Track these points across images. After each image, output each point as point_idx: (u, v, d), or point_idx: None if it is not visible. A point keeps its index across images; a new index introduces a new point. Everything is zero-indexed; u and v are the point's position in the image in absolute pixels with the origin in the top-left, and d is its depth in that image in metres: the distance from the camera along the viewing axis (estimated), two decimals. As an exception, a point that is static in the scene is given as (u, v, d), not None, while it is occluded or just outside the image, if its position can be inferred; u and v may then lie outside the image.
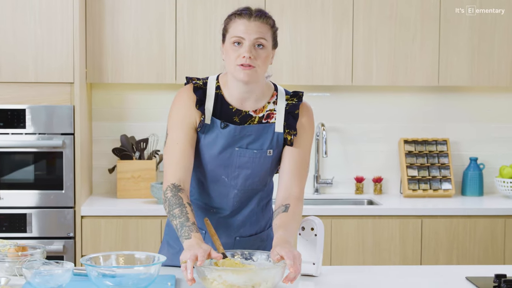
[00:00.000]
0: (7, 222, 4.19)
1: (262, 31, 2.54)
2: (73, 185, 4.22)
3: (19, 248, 2.55)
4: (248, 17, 2.54)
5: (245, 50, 2.51)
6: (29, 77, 4.18)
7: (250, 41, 2.51)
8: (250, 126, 2.61)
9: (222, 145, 2.61)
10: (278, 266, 2.31)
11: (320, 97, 4.90)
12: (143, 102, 4.81)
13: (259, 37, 2.52)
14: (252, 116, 2.63)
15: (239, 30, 2.53)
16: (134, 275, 2.28)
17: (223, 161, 2.63)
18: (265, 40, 2.53)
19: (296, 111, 2.64)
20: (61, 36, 4.18)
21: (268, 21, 2.57)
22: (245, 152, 2.62)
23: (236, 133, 2.60)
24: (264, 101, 2.64)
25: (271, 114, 2.64)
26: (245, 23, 2.53)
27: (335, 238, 4.33)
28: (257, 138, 2.62)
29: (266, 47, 2.54)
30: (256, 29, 2.53)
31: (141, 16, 4.46)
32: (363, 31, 4.57)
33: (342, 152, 4.95)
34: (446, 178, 4.84)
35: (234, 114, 2.62)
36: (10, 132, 4.19)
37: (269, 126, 2.63)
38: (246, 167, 2.64)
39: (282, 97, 2.67)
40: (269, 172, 2.69)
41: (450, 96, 4.94)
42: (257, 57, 2.52)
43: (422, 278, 2.60)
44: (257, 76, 2.55)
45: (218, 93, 2.64)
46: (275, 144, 2.63)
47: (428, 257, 4.36)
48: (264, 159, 2.63)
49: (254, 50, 2.52)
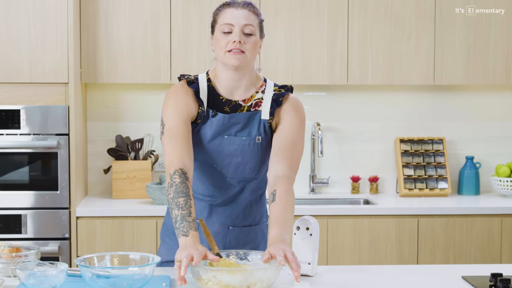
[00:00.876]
0: (2, 223, 4.17)
1: (250, 18, 2.63)
2: (68, 186, 4.21)
3: (13, 249, 2.53)
4: (235, 6, 2.64)
5: (235, 35, 2.60)
6: (23, 78, 4.16)
7: (239, 27, 2.60)
8: (239, 114, 2.67)
9: (212, 133, 2.66)
10: (273, 266, 2.31)
11: (315, 96, 4.90)
12: (138, 102, 4.80)
13: (247, 23, 2.62)
14: (241, 106, 2.69)
15: (228, 18, 2.62)
16: (129, 276, 2.27)
17: (213, 149, 2.67)
18: (253, 27, 2.62)
19: (281, 99, 2.70)
20: (55, 36, 4.16)
21: (255, 10, 2.67)
22: (234, 140, 2.67)
23: (225, 121, 2.66)
24: (252, 90, 2.71)
25: (258, 102, 2.71)
26: (233, 11, 2.63)
27: (331, 238, 4.32)
28: (245, 125, 2.67)
29: (255, 35, 2.63)
30: (244, 15, 2.62)
31: (136, 16, 4.45)
32: (358, 30, 4.56)
33: (338, 152, 4.94)
34: (443, 177, 4.84)
35: (224, 104, 2.69)
36: (5, 133, 4.18)
37: (256, 114, 2.69)
38: (236, 155, 2.67)
39: (270, 88, 2.73)
40: (260, 160, 2.70)
41: (446, 95, 4.94)
42: (246, 42, 2.61)
43: (419, 278, 2.60)
44: (247, 61, 2.63)
45: (209, 85, 2.71)
46: (263, 131, 2.68)
47: (425, 257, 4.36)
48: (253, 146, 2.67)
49: (243, 36, 2.61)
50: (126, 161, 4.59)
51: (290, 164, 2.64)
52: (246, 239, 2.78)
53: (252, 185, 2.76)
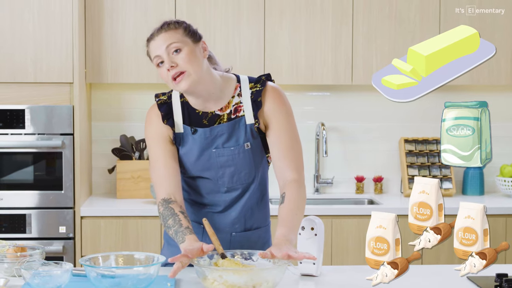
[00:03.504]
0: (6, 223, 4.18)
1: (170, 37, 2.52)
2: (73, 186, 4.21)
3: (18, 249, 2.54)
4: (155, 35, 2.55)
5: (166, 63, 2.51)
6: (28, 77, 4.17)
7: (164, 53, 2.52)
8: (220, 126, 2.62)
9: (197, 150, 2.63)
10: (279, 266, 2.31)
11: (320, 96, 4.90)
12: (143, 102, 4.80)
13: (168, 44, 2.52)
14: (220, 115, 2.63)
15: (153, 51, 2.54)
16: (134, 276, 2.27)
17: (204, 165, 2.64)
18: (177, 42, 2.52)
19: (259, 99, 2.62)
20: (60, 36, 4.17)
21: (171, 26, 2.55)
22: (223, 152, 2.63)
23: (207, 135, 2.61)
24: (226, 97, 2.64)
25: (238, 108, 2.63)
26: (154, 41, 2.54)
27: (335, 238, 4.32)
28: (231, 135, 2.62)
29: (184, 47, 2.52)
30: (162, 39, 2.52)
31: (140, 15, 4.46)
32: (363, 30, 4.56)
33: (342, 152, 4.94)
34: (447, 177, 4.83)
35: (201, 117, 2.64)
36: (10, 133, 4.18)
37: (239, 120, 2.62)
38: (228, 165, 2.64)
39: (246, 87, 2.65)
40: (254, 165, 2.67)
41: (450, 95, 4.93)
42: (178, 60, 2.51)
43: (423, 278, 2.60)
44: (195, 78, 2.52)
45: (183, 101, 2.66)
46: (250, 136, 2.63)
47: (429, 257, 4.35)
48: (244, 154, 2.63)
49: (173, 57, 2.51)
50: (131, 161, 4.60)
51: (295, 166, 2.63)
52: (250, 243, 2.75)
53: (252, 188, 2.72)
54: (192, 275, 2.50)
